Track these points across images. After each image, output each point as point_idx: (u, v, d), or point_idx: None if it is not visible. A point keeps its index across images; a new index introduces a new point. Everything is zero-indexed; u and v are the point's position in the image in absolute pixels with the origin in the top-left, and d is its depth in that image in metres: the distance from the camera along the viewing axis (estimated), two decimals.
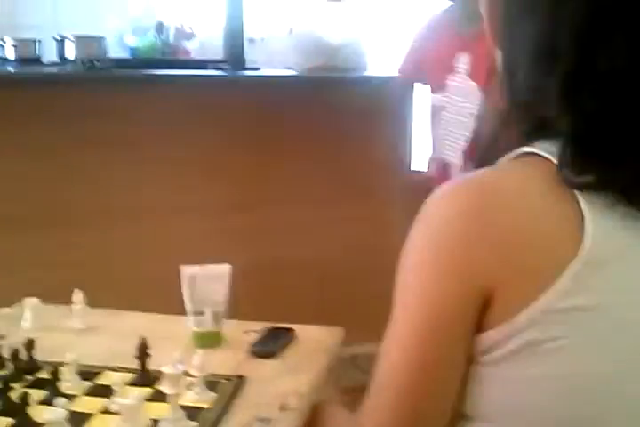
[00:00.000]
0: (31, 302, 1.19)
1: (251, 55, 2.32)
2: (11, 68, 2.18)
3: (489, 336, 0.65)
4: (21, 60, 2.46)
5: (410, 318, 0.67)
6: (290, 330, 1.16)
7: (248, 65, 2.24)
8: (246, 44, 2.28)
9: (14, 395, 0.85)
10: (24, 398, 0.83)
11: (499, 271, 0.63)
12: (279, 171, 2.24)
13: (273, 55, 2.56)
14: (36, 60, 2.57)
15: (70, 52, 2.36)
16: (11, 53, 2.60)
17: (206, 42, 3.16)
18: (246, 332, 1.15)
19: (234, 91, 2.15)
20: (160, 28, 3.16)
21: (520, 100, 0.70)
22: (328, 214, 2.30)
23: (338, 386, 1.09)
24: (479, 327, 0.65)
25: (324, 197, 2.31)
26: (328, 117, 2.21)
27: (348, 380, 1.30)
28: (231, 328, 1.15)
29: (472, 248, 0.64)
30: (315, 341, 1.14)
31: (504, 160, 0.70)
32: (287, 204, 2.28)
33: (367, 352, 1.18)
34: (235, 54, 2.22)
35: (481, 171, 0.69)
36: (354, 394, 0.84)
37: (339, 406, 0.93)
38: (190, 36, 3.22)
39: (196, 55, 3.17)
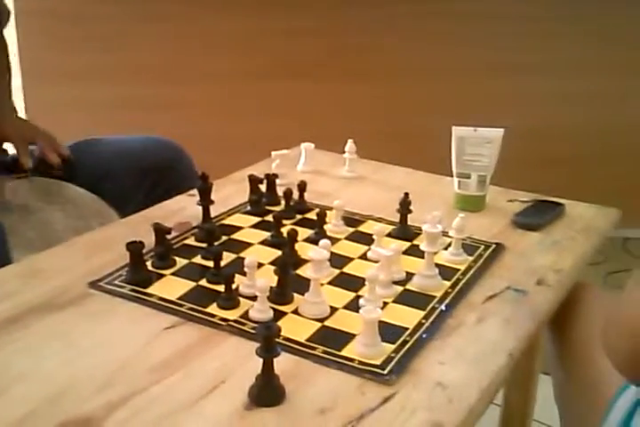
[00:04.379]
0: (307, 147, 1.24)
1: None
2: None
3: None
4: None
5: None
6: (559, 204, 1.09)
7: None
8: None
9: (284, 230, 0.91)
10: (292, 235, 0.88)
11: None
12: None
13: None
14: None
15: None
16: None
17: None
18: (511, 201, 1.11)
19: None
20: None
21: None
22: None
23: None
24: None
25: None
26: None
27: (616, 263, 1.22)
28: (496, 195, 1.11)
29: None
30: (585, 219, 1.07)
31: None
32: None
33: None
34: None
35: None
36: (619, 278, 0.78)
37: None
38: None
39: None
